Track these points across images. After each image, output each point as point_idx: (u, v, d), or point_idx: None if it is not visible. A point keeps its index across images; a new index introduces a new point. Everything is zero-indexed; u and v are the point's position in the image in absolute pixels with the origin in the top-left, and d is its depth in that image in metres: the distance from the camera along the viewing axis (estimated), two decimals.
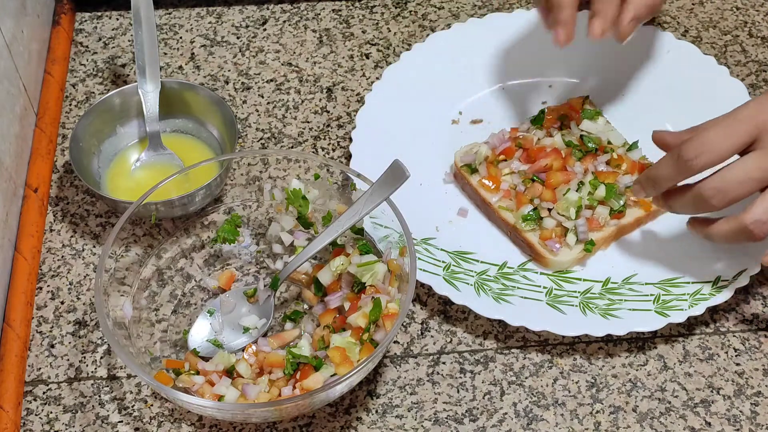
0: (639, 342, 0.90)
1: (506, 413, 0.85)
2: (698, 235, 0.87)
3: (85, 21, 1.15)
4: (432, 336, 0.90)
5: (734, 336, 0.90)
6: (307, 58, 1.11)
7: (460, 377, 0.88)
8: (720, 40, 1.13)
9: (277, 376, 0.83)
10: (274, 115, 1.06)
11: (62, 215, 0.98)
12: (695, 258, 0.92)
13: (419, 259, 0.90)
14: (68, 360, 0.88)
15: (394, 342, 0.90)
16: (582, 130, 0.99)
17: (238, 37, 1.13)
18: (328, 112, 1.07)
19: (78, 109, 1.07)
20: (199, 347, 0.87)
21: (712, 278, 0.90)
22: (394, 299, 0.84)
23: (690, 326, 0.91)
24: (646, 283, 0.91)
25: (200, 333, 0.88)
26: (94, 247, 0.96)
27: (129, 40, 1.13)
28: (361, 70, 1.10)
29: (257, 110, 1.07)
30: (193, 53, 1.12)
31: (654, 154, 0.99)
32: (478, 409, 0.86)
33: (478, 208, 0.98)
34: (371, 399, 0.86)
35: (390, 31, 1.14)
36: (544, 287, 0.91)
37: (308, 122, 1.06)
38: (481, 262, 0.93)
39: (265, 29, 1.14)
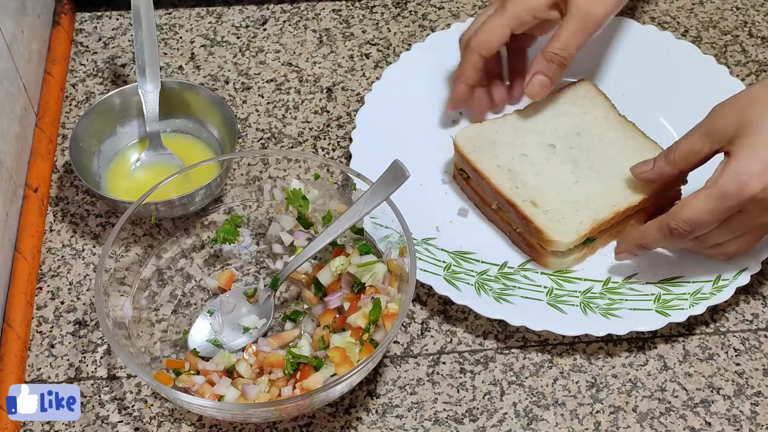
0: (639, 342, 0.90)
1: (506, 413, 0.85)
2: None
3: (85, 21, 1.15)
4: (432, 336, 0.90)
5: (734, 336, 0.90)
6: (307, 58, 1.11)
7: (460, 377, 0.88)
8: (720, 40, 1.13)
9: (277, 376, 0.83)
10: (274, 115, 1.06)
11: (62, 215, 0.98)
12: (695, 257, 0.92)
13: (419, 259, 0.90)
14: (68, 360, 0.88)
15: (394, 342, 0.90)
16: None
17: (238, 37, 1.13)
18: (328, 112, 1.06)
19: (78, 109, 1.07)
20: (199, 347, 0.87)
21: (712, 277, 0.90)
22: (394, 299, 0.84)
23: (690, 326, 0.91)
24: (647, 283, 0.91)
25: (200, 333, 0.88)
26: (94, 247, 0.96)
27: (129, 40, 1.13)
28: (361, 70, 1.10)
29: (257, 110, 1.07)
30: (193, 53, 1.12)
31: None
32: (478, 409, 0.86)
33: (478, 208, 0.98)
34: (371, 399, 0.86)
35: (390, 31, 1.14)
36: (545, 287, 0.91)
37: (308, 122, 1.05)
38: (482, 262, 0.93)
39: (265, 29, 1.14)
